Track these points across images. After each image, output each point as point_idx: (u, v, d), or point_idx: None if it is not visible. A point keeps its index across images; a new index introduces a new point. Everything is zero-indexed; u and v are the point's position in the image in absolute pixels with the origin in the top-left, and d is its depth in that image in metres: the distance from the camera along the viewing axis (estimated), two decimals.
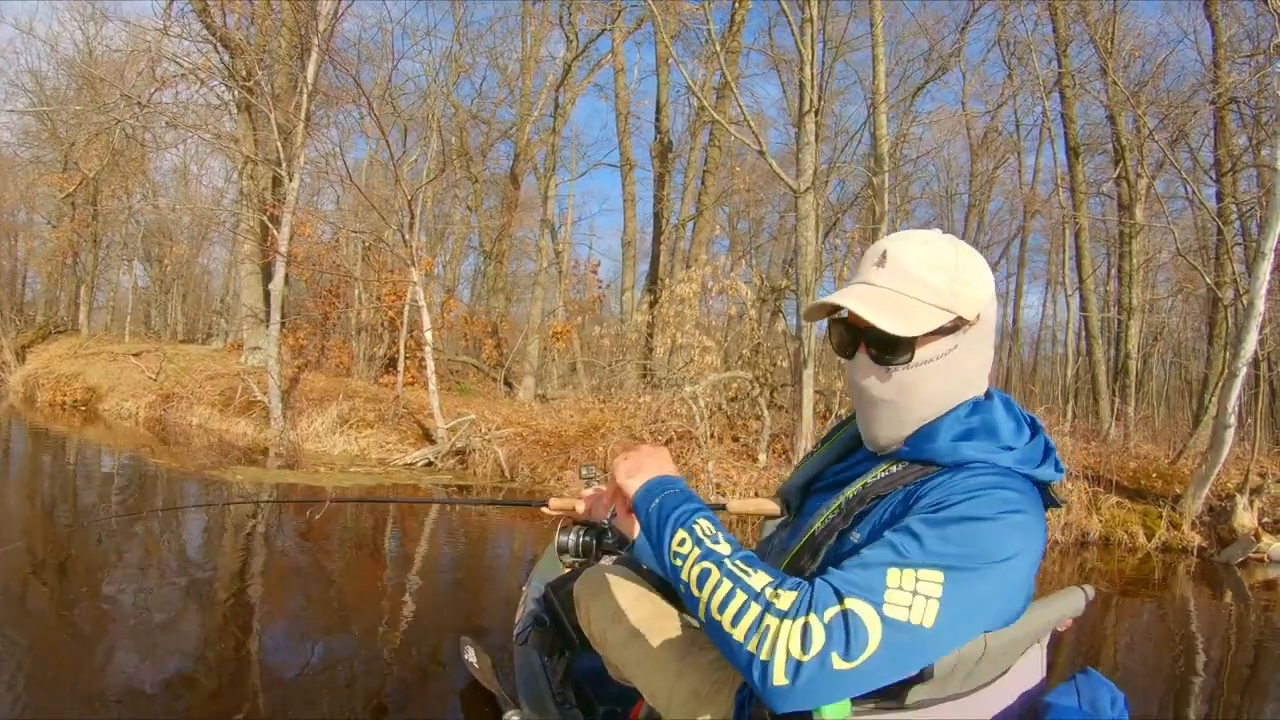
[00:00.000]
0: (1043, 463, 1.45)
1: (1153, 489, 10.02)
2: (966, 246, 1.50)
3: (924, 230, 1.52)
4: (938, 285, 1.44)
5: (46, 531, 6.92)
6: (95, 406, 17.55)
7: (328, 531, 7.70)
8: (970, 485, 1.34)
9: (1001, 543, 1.26)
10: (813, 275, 10.41)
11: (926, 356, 1.45)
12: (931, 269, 1.45)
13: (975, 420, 1.46)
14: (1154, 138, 13.83)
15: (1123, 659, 5.49)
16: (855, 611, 1.15)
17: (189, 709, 3.51)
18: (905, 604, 1.17)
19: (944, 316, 1.44)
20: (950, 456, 1.42)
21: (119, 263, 29.55)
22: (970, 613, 1.24)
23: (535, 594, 3.28)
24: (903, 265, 1.46)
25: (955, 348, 1.46)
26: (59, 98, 26.39)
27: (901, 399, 1.49)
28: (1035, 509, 1.37)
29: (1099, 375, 15.86)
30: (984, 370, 1.53)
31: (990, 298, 1.48)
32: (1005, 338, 27.48)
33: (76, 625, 4.43)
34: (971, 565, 1.23)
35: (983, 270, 1.48)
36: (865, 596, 1.17)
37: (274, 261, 14.76)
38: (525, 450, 11.62)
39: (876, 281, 1.48)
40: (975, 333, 1.47)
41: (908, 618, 1.17)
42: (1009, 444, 1.43)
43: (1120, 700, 1.55)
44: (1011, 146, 23.73)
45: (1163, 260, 21.21)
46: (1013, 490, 1.35)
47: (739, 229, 27.01)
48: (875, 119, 12.54)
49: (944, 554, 1.22)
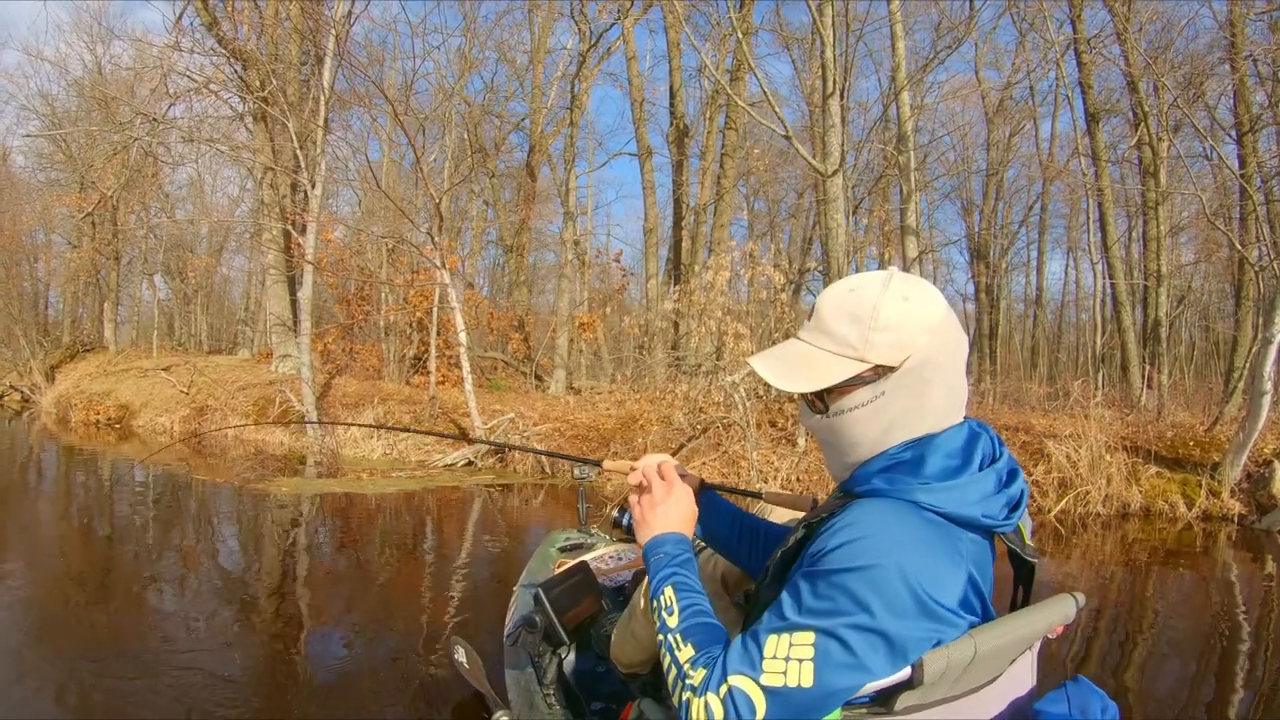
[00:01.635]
0: (980, 503, 1.44)
1: (1190, 457, 9.96)
2: (908, 288, 1.50)
3: (871, 275, 1.54)
4: (849, 337, 1.48)
5: (88, 544, 7.03)
6: (129, 423, 17.66)
7: (353, 531, 7.81)
8: (849, 530, 1.37)
9: (871, 592, 1.30)
10: (844, 258, 10.41)
11: (849, 405, 1.51)
12: (845, 321, 1.49)
13: (906, 454, 1.49)
14: (1177, 105, 13.71)
15: (1164, 630, 5.48)
16: (739, 687, 1.31)
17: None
18: (780, 670, 1.31)
19: (856, 366, 1.48)
20: (862, 486, 1.49)
21: (140, 277, 29.74)
22: (848, 665, 1.31)
23: (526, 594, 3.31)
24: (821, 318, 1.53)
25: (881, 394, 1.48)
26: (71, 119, 26.52)
27: (836, 441, 1.57)
28: (930, 548, 1.37)
29: (1128, 343, 15.75)
30: (928, 410, 1.50)
31: (928, 342, 1.47)
32: (1029, 306, 27.38)
33: (119, 629, 4.59)
34: (839, 620, 1.31)
35: (916, 314, 1.47)
36: (745, 671, 1.32)
37: (301, 270, 14.79)
38: (564, 446, 11.68)
39: (803, 335, 1.57)
40: (906, 378, 1.48)
41: (784, 683, 1.30)
42: (927, 479, 1.44)
43: (1112, 709, 1.54)
44: (1028, 113, 23.54)
45: (1184, 222, 21.07)
46: (900, 528, 1.37)
47: (756, 208, 26.93)
48: (897, 100, 12.46)
49: (816, 610, 1.32)
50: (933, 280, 11.65)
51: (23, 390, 22.73)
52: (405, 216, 13.81)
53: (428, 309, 16.00)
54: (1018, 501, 1.50)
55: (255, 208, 21.98)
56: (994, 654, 1.44)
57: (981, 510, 1.42)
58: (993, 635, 1.42)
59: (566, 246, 20.29)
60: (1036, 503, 9.66)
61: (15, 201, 28.05)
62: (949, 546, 1.39)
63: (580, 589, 2.79)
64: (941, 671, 1.35)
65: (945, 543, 1.38)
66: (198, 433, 14.87)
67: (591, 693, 2.60)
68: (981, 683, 1.50)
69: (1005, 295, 27.18)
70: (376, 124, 22.77)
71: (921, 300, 1.48)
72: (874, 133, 17.86)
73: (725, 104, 18.44)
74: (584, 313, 20.84)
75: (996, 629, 1.45)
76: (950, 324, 1.51)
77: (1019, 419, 11.66)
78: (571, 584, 2.79)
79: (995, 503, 1.45)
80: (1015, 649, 1.53)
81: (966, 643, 1.38)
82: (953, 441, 1.50)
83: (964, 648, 1.38)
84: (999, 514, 1.45)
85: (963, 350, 1.55)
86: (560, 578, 2.82)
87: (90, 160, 23.41)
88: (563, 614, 2.63)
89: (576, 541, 4.03)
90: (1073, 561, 7.52)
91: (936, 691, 1.42)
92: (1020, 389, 16.84)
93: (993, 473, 1.48)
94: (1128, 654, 4.93)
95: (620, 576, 3.29)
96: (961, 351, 1.54)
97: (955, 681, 1.43)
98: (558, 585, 2.73)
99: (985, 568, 1.47)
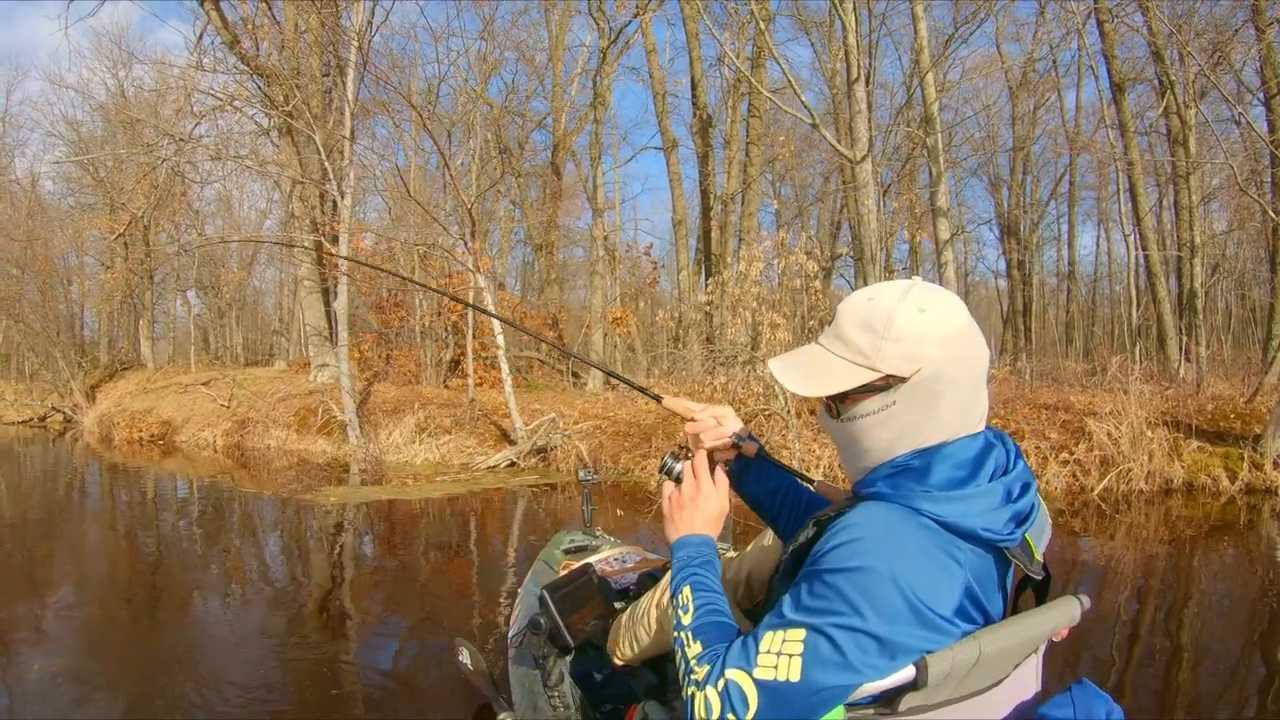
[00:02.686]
0: (982, 515, 1.44)
1: (1232, 430, 9.90)
2: (927, 299, 1.51)
3: (893, 284, 1.56)
4: (862, 345, 1.50)
5: (140, 558, 7.14)
6: (172, 439, 17.90)
7: (399, 537, 7.91)
8: (847, 531, 1.41)
9: (862, 595, 1.34)
10: (876, 244, 10.40)
11: (862, 411, 1.53)
12: (860, 329, 1.51)
13: (914, 462, 1.51)
14: (1204, 73, 13.55)
15: (1208, 610, 5.48)
16: (735, 680, 1.39)
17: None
18: (772, 665, 1.37)
19: (867, 375, 1.49)
20: (868, 489, 1.52)
21: (173, 294, 30.10)
22: (835, 663, 1.35)
23: (531, 596, 3.30)
24: (839, 325, 1.56)
25: (893, 403, 1.50)
26: (97, 143, 26.83)
27: (850, 445, 1.59)
28: (926, 555, 1.39)
29: (1164, 315, 15.59)
30: (938, 422, 1.51)
31: (940, 355, 1.47)
32: (1062, 280, 27.11)
33: (171, 639, 4.73)
34: (830, 619, 1.35)
35: (931, 327, 1.48)
36: (741, 665, 1.39)
37: (336, 280, 14.93)
38: (606, 443, 11.74)
39: (822, 340, 1.60)
40: (917, 389, 1.49)
41: (774, 676, 1.36)
42: (931, 488, 1.45)
43: (1117, 712, 1.54)
44: (1051, 85, 23.30)
45: (1215, 190, 20.81)
46: (897, 533, 1.40)
47: (783, 194, 26.84)
48: (921, 82, 12.41)
49: (810, 608, 1.38)
50: (963, 259, 11.74)
51: (64, 411, 22.99)
52: (437, 223, 13.86)
53: (463, 312, 16.08)
54: (1026, 515, 1.50)
55: (285, 220, 22.13)
56: (998, 656, 1.45)
57: (982, 523, 1.43)
58: (997, 637, 1.44)
59: (597, 243, 20.34)
60: (1079, 481, 9.65)
61: (46, 226, 28.44)
62: (945, 555, 1.40)
63: (585, 591, 2.78)
64: (946, 673, 1.37)
65: (942, 551, 1.40)
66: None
67: (596, 695, 2.62)
68: (986, 685, 1.51)
69: (1038, 270, 26.92)
70: (400, 130, 22.94)
71: (938, 313, 1.49)
72: (900, 116, 17.76)
73: (748, 92, 18.39)
74: (617, 307, 20.87)
75: (1001, 631, 1.46)
76: (967, 338, 1.50)
77: (1058, 397, 11.62)
78: (576, 586, 2.78)
79: (998, 516, 1.45)
80: (1020, 652, 1.54)
81: (971, 644, 1.40)
82: (964, 452, 1.50)
83: (968, 649, 1.39)
84: (1001, 528, 1.44)
85: (981, 364, 1.54)
86: (565, 580, 2.81)
87: (120, 183, 23.71)
88: (567, 616, 2.63)
89: (582, 543, 4.02)
90: (1116, 540, 7.50)
91: (941, 693, 1.43)
92: (1057, 366, 16.75)
93: (1000, 486, 1.49)
94: (1172, 634, 4.93)
95: (625, 578, 3.28)
96: (980, 366, 1.54)
97: (959, 683, 1.44)
98: (563, 588, 2.72)
99: (988, 580, 1.47)
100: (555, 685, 2.67)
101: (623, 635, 2.56)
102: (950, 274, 11.51)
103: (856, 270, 22.38)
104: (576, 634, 2.61)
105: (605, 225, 21.53)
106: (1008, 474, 1.52)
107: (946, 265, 11.31)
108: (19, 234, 26.73)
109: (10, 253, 26.14)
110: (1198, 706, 3.81)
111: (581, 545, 3.96)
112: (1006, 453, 1.56)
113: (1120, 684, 4.00)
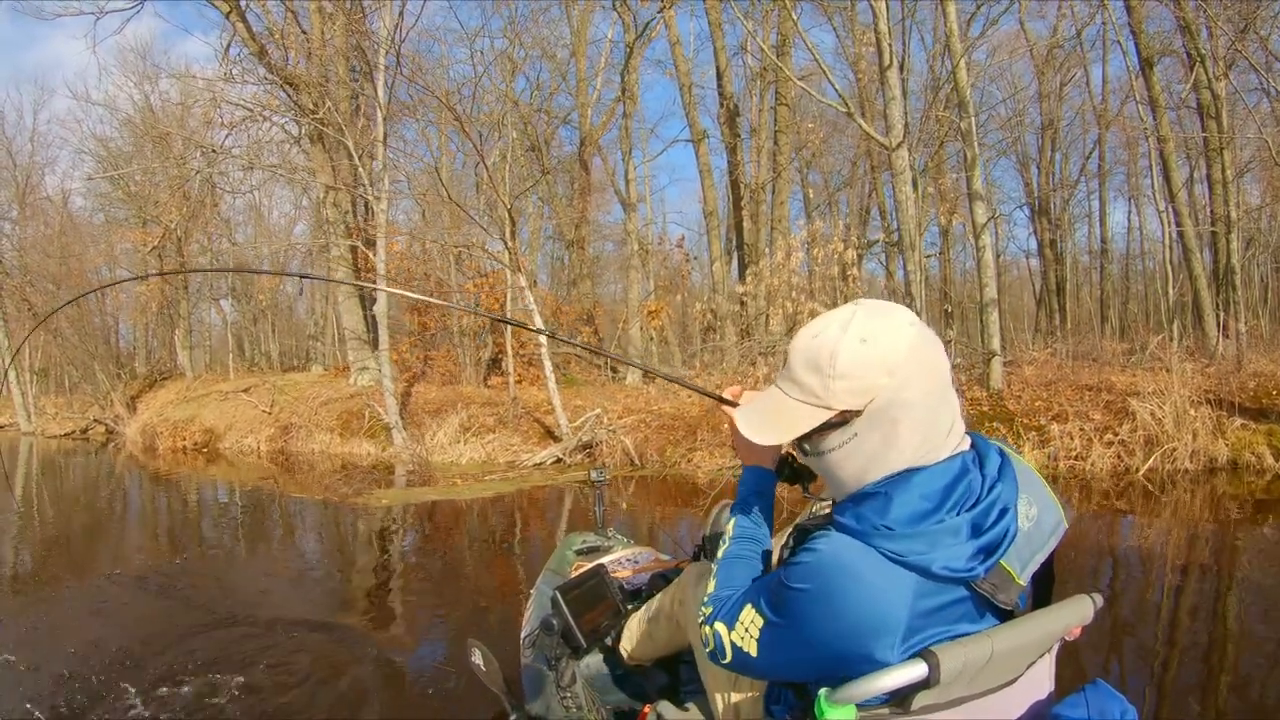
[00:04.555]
0: (944, 551, 1.44)
1: (1275, 407, 9.90)
2: (869, 327, 1.50)
3: (836, 315, 1.56)
4: (813, 386, 1.51)
5: (194, 561, 7.27)
6: (215, 446, 18.16)
7: (454, 536, 8.05)
8: (811, 555, 1.49)
9: (799, 610, 1.49)
10: (915, 230, 10.43)
11: (827, 447, 1.55)
12: (808, 370, 1.52)
13: (879, 491, 1.50)
14: (1236, 49, 13.43)
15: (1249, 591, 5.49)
16: (719, 630, 1.65)
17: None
18: (741, 635, 1.60)
19: (823, 414, 1.51)
20: (838, 514, 1.54)
21: (208, 303, 30.40)
22: (780, 653, 1.55)
23: (543, 597, 3.29)
24: (790, 366, 1.57)
25: (854, 435, 1.51)
26: (126, 158, 27.08)
27: (827, 476, 1.64)
28: (862, 589, 1.42)
29: (1201, 291, 15.47)
30: (901, 447, 1.51)
31: (890, 383, 1.47)
32: (1095, 258, 26.89)
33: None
34: (778, 620, 1.54)
35: (875, 357, 1.47)
36: (727, 621, 1.64)
37: (374, 282, 15.06)
38: (651, 437, 11.84)
39: (779, 383, 1.61)
40: (873, 419, 1.49)
41: (742, 645, 1.60)
42: (891, 524, 1.45)
43: (1131, 713, 1.54)
44: (1077, 61, 23.08)
45: (1246, 163, 20.61)
46: (849, 564, 1.44)
47: (811, 181, 26.76)
48: (953, 67, 12.37)
49: (770, 605, 1.56)
50: (995, 239, 11.68)
51: (106, 422, 23.30)
52: (476, 224, 13.99)
53: (501, 311, 16.20)
54: (996, 545, 1.46)
55: (317, 225, 22.30)
56: (1011, 654, 1.47)
57: (941, 562, 1.42)
58: (1010, 635, 1.46)
59: (631, 237, 20.40)
60: (1124, 462, 9.68)
61: (80, 241, 28.81)
62: (893, 594, 1.42)
63: (597, 592, 2.81)
64: (958, 670, 1.39)
65: (890, 590, 1.42)
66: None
67: (608, 695, 2.67)
68: (998, 684, 1.52)
69: (1070, 249, 26.74)
70: (426, 132, 23.03)
71: (881, 340, 1.48)
72: (931, 100, 17.71)
73: (775, 80, 18.37)
74: (651, 300, 20.95)
75: (1014, 629, 1.49)
76: (917, 357, 1.49)
77: (1099, 378, 11.61)
78: (588, 587, 2.79)
79: (960, 552, 1.44)
80: (1033, 650, 1.55)
81: (984, 641, 1.42)
82: (933, 481, 1.50)
83: (981, 646, 1.41)
84: (962, 565, 1.43)
85: (939, 375, 1.53)
86: (577, 580, 2.83)
87: (153, 196, 23.87)
88: (580, 617, 2.64)
89: (594, 544, 4.01)
90: (1163, 519, 7.54)
91: (953, 691, 1.44)
92: (1094, 346, 16.68)
93: (967, 519, 1.47)
94: (1217, 620, 4.94)
95: (637, 579, 3.28)
96: (938, 376, 1.53)
97: (971, 681, 1.46)
98: (575, 588, 2.73)
99: (946, 610, 1.47)
100: (568, 686, 2.69)
101: (635, 635, 2.64)
102: (988, 257, 11.48)
103: (888, 255, 22.45)
104: (589, 634, 2.63)
105: (636, 220, 21.57)
106: (979, 503, 1.49)
107: (985, 249, 11.28)
108: (53, 249, 27.16)
109: (46, 269, 26.57)
110: (1244, 694, 3.82)
111: (594, 546, 3.99)
112: (983, 477, 1.54)
113: (1152, 678, 4.00)
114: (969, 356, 13.58)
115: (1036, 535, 1.57)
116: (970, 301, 24.25)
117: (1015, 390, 11.47)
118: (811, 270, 12.71)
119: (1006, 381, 11.74)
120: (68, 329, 25.24)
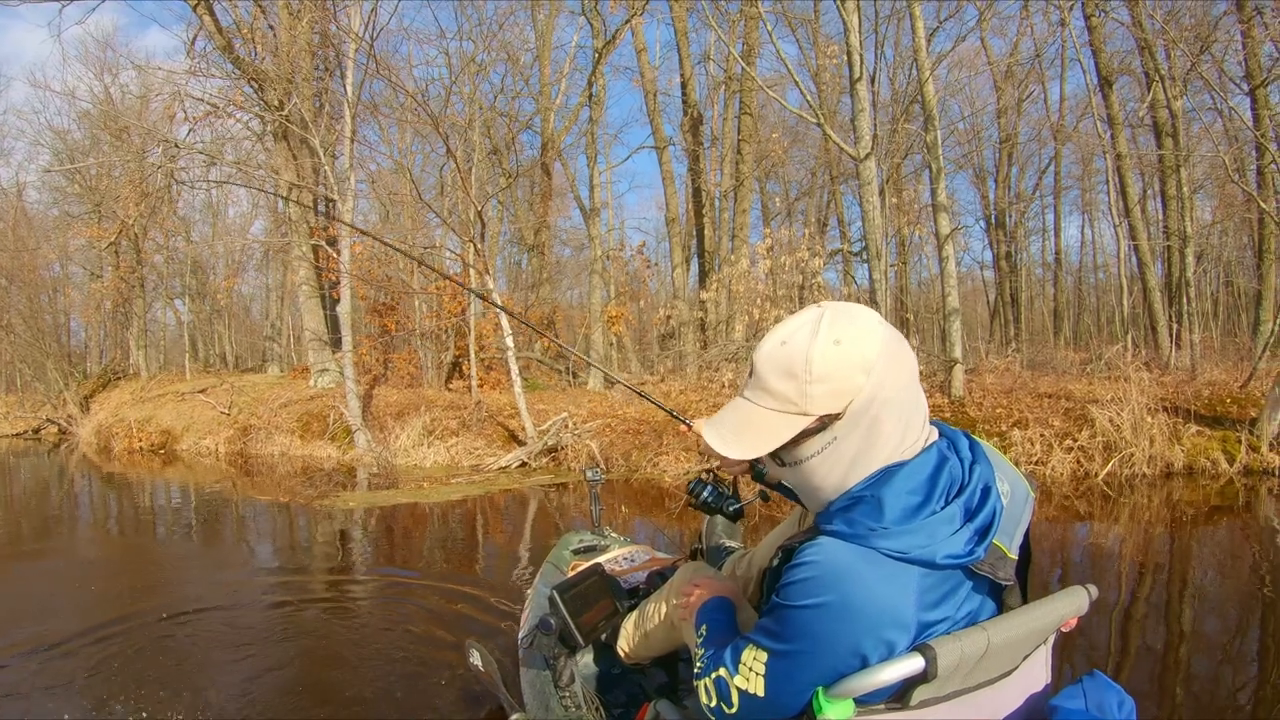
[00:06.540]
0: (944, 542, 1.45)
1: (1229, 414, 10.26)
2: (839, 328, 1.49)
3: (801, 319, 1.55)
4: (788, 393, 1.49)
5: (149, 567, 7.14)
6: (173, 448, 17.86)
7: (419, 539, 7.99)
8: (807, 569, 1.46)
9: (810, 627, 1.44)
10: (881, 239, 10.57)
11: (806, 454, 1.54)
12: (781, 377, 1.50)
13: (866, 493, 1.50)
14: (1195, 71, 13.75)
15: (1210, 587, 5.64)
16: (722, 677, 1.61)
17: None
18: (746, 677, 1.56)
19: (802, 421, 1.49)
20: (826, 524, 1.51)
21: (163, 302, 29.88)
22: (790, 683, 1.50)
23: (541, 597, 3.29)
24: (760, 377, 1.54)
25: (834, 439, 1.50)
26: (83, 151, 26.57)
27: (804, 486, 1.62)
28: (877, 595, 1.41)
29: (1155, 304, 15.88)
30: (884, 443, 1.51)
31: (868, 381, 1.47)
32: (1048, 270, 27.40)
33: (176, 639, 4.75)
34: (785, 647, 1.50)
35: (851, 357, 1.47)
36: (728, 667, 1.61)
37: (340, 284, 14.92)
38: (616, 441, 11.86)
39: (746, 394, 1.58)
40: (854, 420, 1.48)
41: (747, 687, 1.56)
42: (888, 524, 1.44)
43: (1129, 704, 1.55)
44: (1035, 77, 23.54)
45: (1200, 180, 21.10)
46: (850, 568, 1.42)
47: (770, 190, 26.97)
48: (921, 81, 12.56)
49: (773, 634, 1.52)
50: (952, 249, 11.87)
51: (59, 422, 22.84)
52: (448, 227, 13.94)
53: (462, 314, 16.14)
54: (989, 526, 1.48)
55: (278, 224, 22.05)
56: (1007, 646, 1.47)
57: (943, 551, 1.43)
58: (1005, 627, 1.47)
59: (594, 243, 20.41)
60: (1084, 467, 9.89)
61: (33, 237, 28.16)
62: (900, 589, 1.42)
63: (595, 591, 2.77)
64: (955, 664, 1.39)
65: (896, 586, 1.42)
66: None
67: (607, 695, 2.68)
68: (995, 676, 1.53)
69: (1025, 261, 27.21)
70: (388, 134, 22.91)
71: (854, 340, 1.47)
72: (898, 113, 17.94)
73: (739, 90, 18.51)
74: (613, 306, 20.98)
75: (1009, 621, 1.49)
76: (889, 353, 1.49)
77: (1058, 386, 11.87)
78: (586, 586, 2.76)
79: (958, 540, 1.45)
80: (1029, 642, 1.56)
81: (979, 634, 1.42)
82: (917, 474, 1.50)
83: (977, 639, 1.41)
84: (962, 550, 1.44)
85: (910, 369, 1.54)
86: (574, 580, 2.79)
87: (111, 191, 23.39)
88: (578, 616, 2.60)
89: (590, 543, 3.99)
90: (1121, 524, 7.70)
91: (950, 684, 1.46)
92: (1049, 355, 17.00)
93: (958, 506, 1.48)
94: (1174, 617, 5.06)
95: (634, 578, 3.28)
96: (909, 371, 1.54)
97: (968, 674, 1.46)
98: (572, 588, 2.70)
99: (950, 596, 1.48)
100: (566, 685, 2.70)
101: (633, 634, 2.64)
102: (951, 268, 11.66)
103: (845, 263, 22.67)
104: (586, 634, 2.60)
105: (598, 225, 21.59)
106: (965, 489, 1.51)
107: (948, 259, 11.46)
108: (6, 243, 26.53)
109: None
110: (1204, 690, 3.92)
111: (590, 545, 3.97)
112: (961, 462, 1.56)
113: (1133, 670, 4.09)
114: (929, 364, 13.80)
115: (1014, 508, 1.58)
116: (927, 311, 24.63)
117: (976, 398, 11.68)
118: (776, 277, 12.83)
119: (968, 389, 11.95)
120: (20, 326, 24.68)
